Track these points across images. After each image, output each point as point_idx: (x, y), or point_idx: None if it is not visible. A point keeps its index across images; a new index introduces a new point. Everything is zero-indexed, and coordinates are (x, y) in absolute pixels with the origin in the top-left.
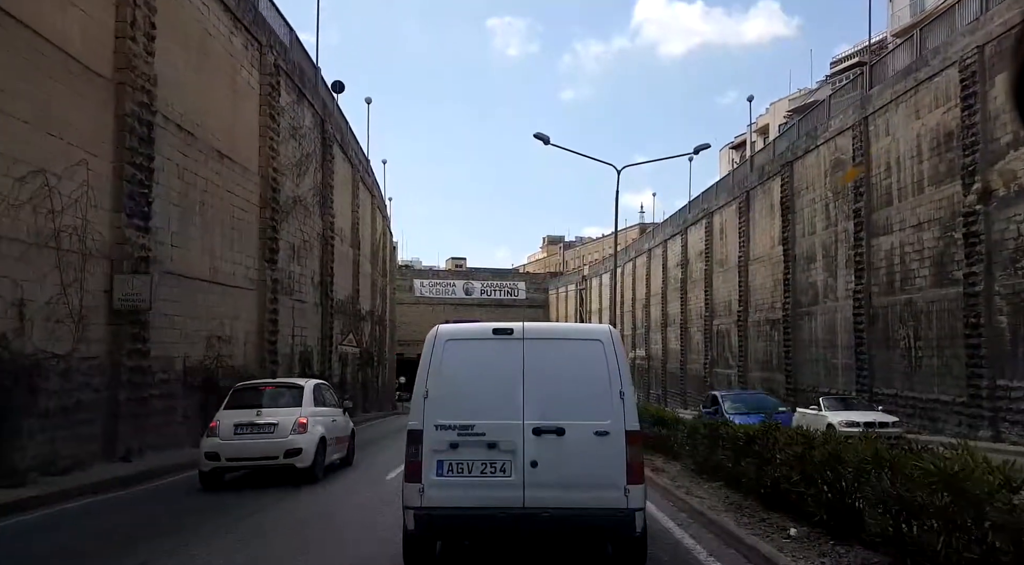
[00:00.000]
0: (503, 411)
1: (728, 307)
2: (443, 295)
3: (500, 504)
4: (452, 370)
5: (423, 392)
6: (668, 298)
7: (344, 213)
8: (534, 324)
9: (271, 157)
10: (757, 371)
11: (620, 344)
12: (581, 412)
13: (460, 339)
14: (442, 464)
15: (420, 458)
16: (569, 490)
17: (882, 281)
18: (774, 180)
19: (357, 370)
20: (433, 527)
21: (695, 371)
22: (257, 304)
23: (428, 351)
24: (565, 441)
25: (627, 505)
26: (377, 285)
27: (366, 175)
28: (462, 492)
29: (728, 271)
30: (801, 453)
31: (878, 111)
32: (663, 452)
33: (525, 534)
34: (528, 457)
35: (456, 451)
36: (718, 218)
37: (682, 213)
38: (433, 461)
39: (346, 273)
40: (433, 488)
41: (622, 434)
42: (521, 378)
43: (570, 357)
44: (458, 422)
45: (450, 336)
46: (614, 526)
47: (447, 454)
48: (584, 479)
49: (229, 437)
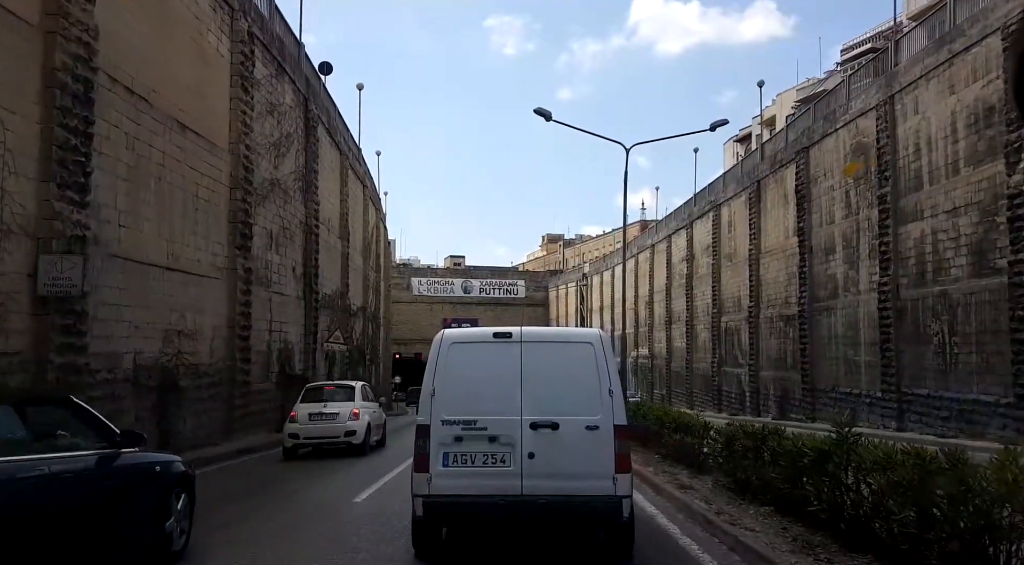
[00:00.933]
0: (503, 408)
1: (737, 303)
2: (441, 294)
3: (500, 492)
4: (456, 371)
5: (430, 391)
6: (673, 294)
7: (331, 202)
8: (531, 328)
9: (243, 133)
10: (770, 370)
11: (609, 347)
12: (574, 408)
13: (463, 342)
14: (448, 456)
15: (428, 450)
16: (562, 479)
17: (911, 272)
18: (788, 168)
19: (346, 369)
20: (440, 513)
21: (702, 370)
22: (227, 295)
23: (434, 354)
24: (559, 435)
25: (615, 492)
26: (370, 281)
27: (356, 164)
28: (466, 481)
29: (737, 265)
30: (912, 480)
31: (906, 89)
32: (685, 464)
33: (522, 519)
34: (526, 449)
35: (460, 444)
36: (726, 210)
37: (687, 206)
38: (440, 453)
39: (334, 266)
40: (440, 478)
41: (611, 428)
42: (519, 378)
43: (564, 358)
44: (462, 418)
45: (454, 340)
46: (603, 512)
47: (452, 447)
48: (576, 469)
49: (305, 422)
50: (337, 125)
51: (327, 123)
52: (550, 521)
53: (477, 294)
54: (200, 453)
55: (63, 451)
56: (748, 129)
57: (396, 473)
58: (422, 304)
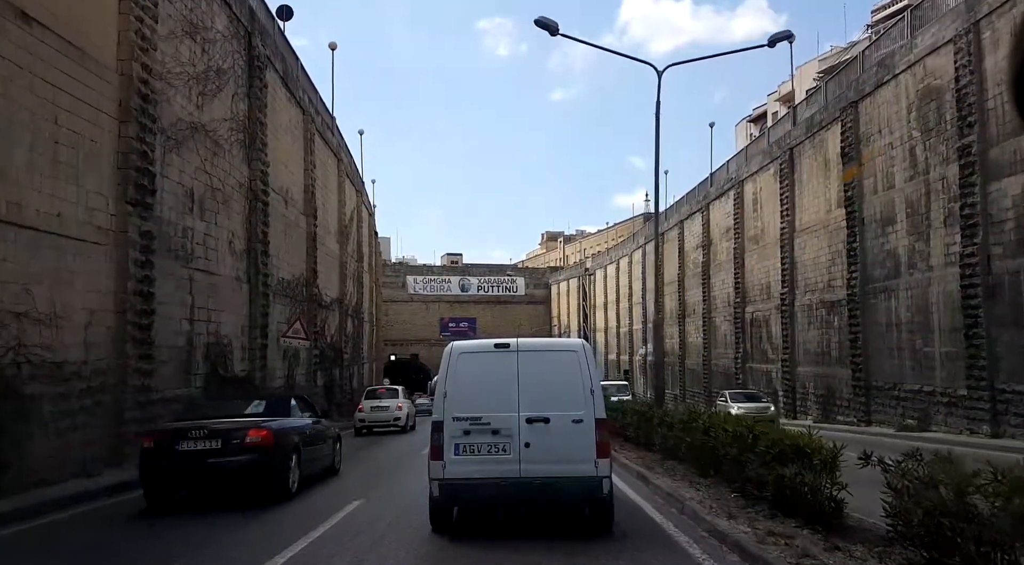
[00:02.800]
0: (503, 406)
1: (765, 290)
2: (438, 292)
3: (502, 475)
4: (464, 376)
5: (443, 393)
6: (686, 286)
7: (291, 169)
8: (526, 340)
9: (140, 50)
10: (809, 365)
11: (591, 354)
12: (562, 405)
13: (470, 353)
14: (458, 446)
15: (442, 442)
16: (553, 463)
17: (1008, 239)
18: (829, 129)
19: (314, 370)
20: (453, 493)
21: (723, 367)
22: (114, 267)
23: (445, 362)
24: (550, 427)
25: (596, 473)
26: (349, 270)
27: (327, 132)
28: (474, 466)
29: (766, 248)
30: None
31: (998, 9)
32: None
33: (521, 497)
34: (522, 440)
35: (468, 436)
36: (750, 187)
37: (702, 187)
38: (452, 444)
39: (295, 246)
40: (452, 464)
41: (592, 421)
42: (516, 381)
43: (553, 365)
44: (470, 415)
45: (462, 350)
46: (587, 489)
47: (462, 439)
48: (564, 455)
49: (368, 412)
50: (299, 79)
51: (282, 71)
52: (544, 498)
53: (475, 292)
54: (58, 491)
55: (309, 418)
56: (762, 107)
57: None
58: (418, 303)
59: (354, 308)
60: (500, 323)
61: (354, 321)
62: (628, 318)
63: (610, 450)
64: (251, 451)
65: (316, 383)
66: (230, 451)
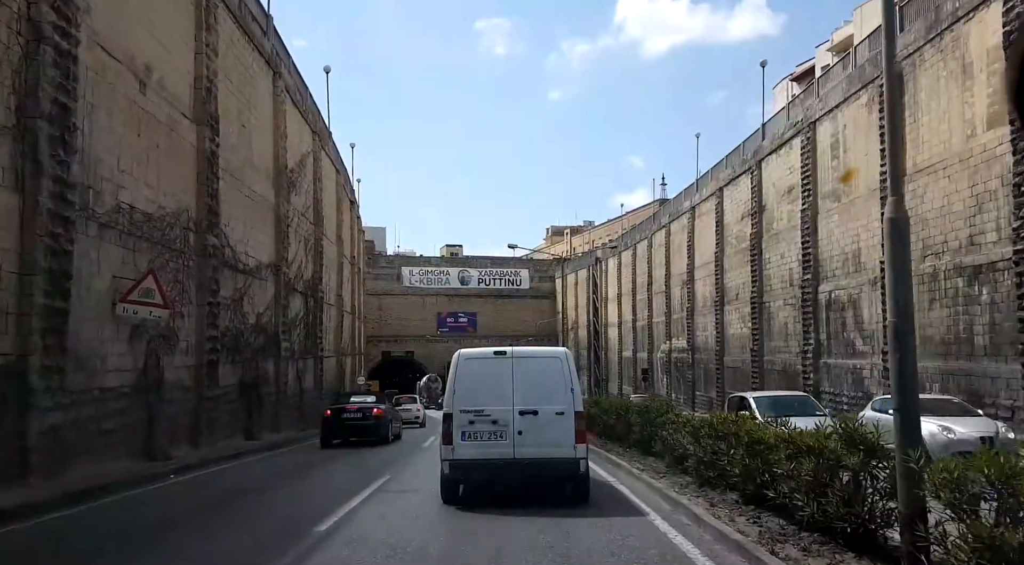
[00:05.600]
0: (501, 401)
1: (853, 261)
2: (436, 285)
3: (499, 456)
4: (469, 377)
5: (452, 390)
6: (725, 266)
7: (165, 40)
8: (519, 348)
9: None
10: (931, 359)
11: (572, 359)
12: (548, 400)
13: (474, 358)
14: (464, 433)
15: (451, 430)
16: (540, 447)
17: None
18: (972, 18)
19: (212, 360)
20: (460, 470)
21: (782, 363)
22: None
23: (454, 366)
24: (538, 418)
25: (575, 455)
26: (296, 230)
27: (248, 19)
28: (477, 449)
29: (854, 203)
30: None
31: None
32: None
33: (514, 473)
34: (516, 428)
35: (473, 425)
36: (827, 128)
37: (751, 143)
38: (459, 432)
39: (168, 163)
40: (459, 448)
41: (572, 413)
42: (511, 381)
43: (541, 368)
44: (474, 408)
45: (467, 357)
46: (567, 468)
47: (467, 427)
48: (549, 440)
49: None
50: None
51: None
52: (533, 475)
53: (475, 285)
54: None
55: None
56: (809, 62)
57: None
58: (414, 297)
59: (308, 285)
60: (502, 318)
61: (308, 301)
62: (647, 310)
63: (586, 437)
64: (374, 418)
65: (217, 380)
66: (366, 418)
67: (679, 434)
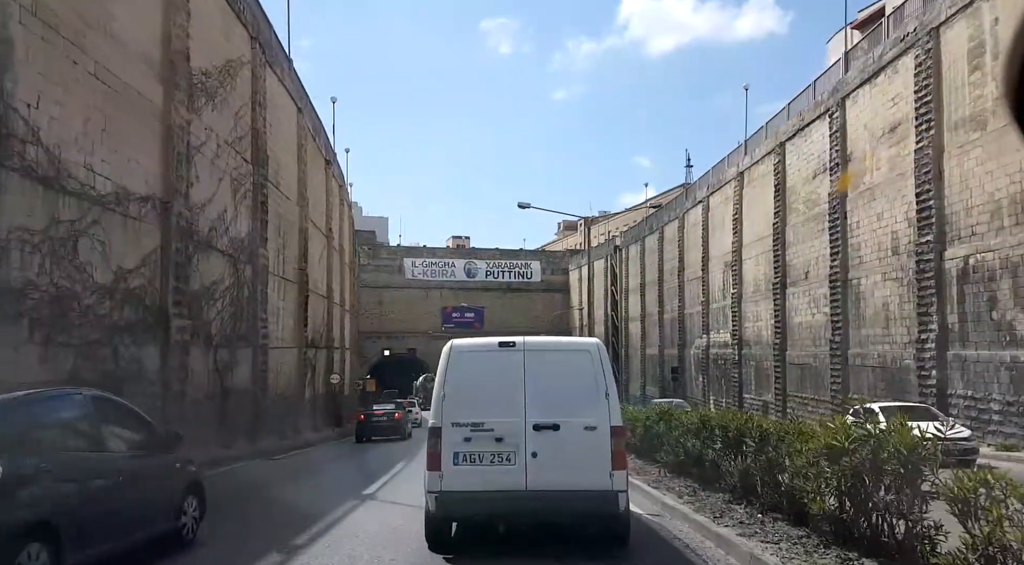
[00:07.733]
0: (508, 411)
1: (1010, 209)
2: (440, 277)
3: (506, 487)
4: (464, 377)
5: (441, 395)
6: (789, 239)
7: None
8: (533, 338)
9: None
10: None
11: (606, 353)
12: (573, 411)
13: (471, 351)
14: (457, 455)
15: (439, 449)
16: (564, 475)
17: None
18: None
19: None
20: (451, 507)
21: (874, 358)
22: None
23: (444, 362)
24: (560, 435)
25: (611, 487)
26: (218, 167)
27: None
28: (475, 478)
29: (1004, 134)
30: None
31: None
32: None
33: (528, 511)
34: (529, 448)
35: (469, 444)
36: (962, 29)
37: (825, 80)
38: (450, 452)
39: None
40: (450, 475)
41: (607, 428)
42: (523, 383)
43: (563, 365)
44: (470, 420)
45: (462, 349)
46: (600, 504)
47: (462, 446)
48: (576, 466)
49: None
50: None
51: None
52: (553, 513)
53: (483, 278)
54: None
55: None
56: (875, 4)
57: None
58: (416, 289)
59: (239, 245)
60: (511, 313)
61: (241, 269)
62: (676, 300)
63: (626, 461)
64: (395, 421)
65: None
66: (389, 420)
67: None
